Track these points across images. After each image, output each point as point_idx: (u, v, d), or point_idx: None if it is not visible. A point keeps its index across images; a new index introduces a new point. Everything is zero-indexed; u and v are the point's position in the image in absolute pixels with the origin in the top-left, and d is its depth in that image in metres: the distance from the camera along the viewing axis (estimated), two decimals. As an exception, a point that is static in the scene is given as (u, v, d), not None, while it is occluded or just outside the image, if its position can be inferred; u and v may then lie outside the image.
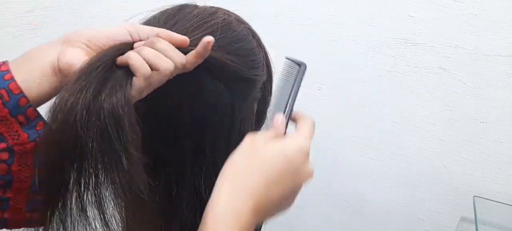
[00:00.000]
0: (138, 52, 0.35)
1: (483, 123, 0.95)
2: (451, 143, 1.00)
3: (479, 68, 0.91)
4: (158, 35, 0.36)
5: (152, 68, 0.34)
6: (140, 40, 0.37)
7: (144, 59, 0.34)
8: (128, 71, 0.34)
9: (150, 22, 0.43)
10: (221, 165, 0.44)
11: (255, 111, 0.49)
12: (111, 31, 0.36)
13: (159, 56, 0.35)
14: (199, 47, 0.36)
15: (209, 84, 0.41)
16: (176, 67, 0.36)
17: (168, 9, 0.45)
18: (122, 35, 0.36)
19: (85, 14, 1.00)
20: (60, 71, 0.34)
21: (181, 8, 0.44)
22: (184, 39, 0.37)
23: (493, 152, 0.95)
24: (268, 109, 0.51)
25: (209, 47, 0.36)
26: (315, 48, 1.10)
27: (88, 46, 0.35)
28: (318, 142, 1.20)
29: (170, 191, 0.43)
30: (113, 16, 1.06)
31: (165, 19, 0.42)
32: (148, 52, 0.34)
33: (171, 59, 0.35)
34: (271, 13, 1.13)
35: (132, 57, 0.34)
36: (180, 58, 0.36)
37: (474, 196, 0.98)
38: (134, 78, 0.34)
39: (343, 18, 1.04)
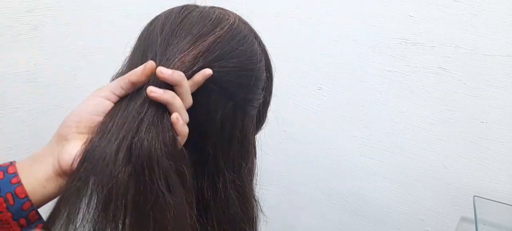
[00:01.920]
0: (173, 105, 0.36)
1: (483, 123, 0.95)
2: (451, 143, 1.00)
3: (479, 68, 0.91)
4: (129, 81, 0.36)
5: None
6: (119, 96, 0.37)
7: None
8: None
9: (153, 29, 0.42)
10: (223, 165, 0.44)
11: (256, 111, 0.49)
12: (90, 108, 0.36)
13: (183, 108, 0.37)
14: (199, 77, 0.38)
15: (212, 85, 0.41)
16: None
17: (170, 12, 0.44)
18: (102, 106, 0.36)
19: (84, 14, 1.00)
20: (64, 172, 0.34)
21: (183, 14, 0.43)
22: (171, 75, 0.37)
23: (493, 152, 0.95)
24: None
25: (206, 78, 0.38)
26: (315, 48, 1.10)
27: (80, 133, 0.35)
28: (318, 142, 1.20)
29: None
30: (113, 17, 1.06)
31: (170, 29, 0.41)
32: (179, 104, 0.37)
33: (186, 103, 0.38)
34: (271, 13, 1.13)
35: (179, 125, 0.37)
36: (189, 101, 0.39)
37: (474, 196, 0.98)
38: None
39: (343, 18, 1.04)
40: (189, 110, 0.41)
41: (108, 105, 0.36)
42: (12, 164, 0.34)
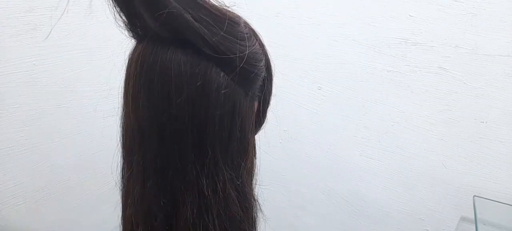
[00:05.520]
0: None
1: (483, 122, 0.95)
2: (451, 142, 1.00)
3: (479, 68, 0.91)
4: None
5: None
6: None
7: None
8: None
9: None
10: (222, 163, 0.44)
11: (256, 110, 0.49)
12: None
13: None
14: None
15: (212, 80, 0.41)
16: None
17: None
18: None
19: (84, 15, 0.99)
20: None
21: None
22: None
23: (493, 152, 0.95)
24: None
25: None
26: (315, 48, 1.10)
27: None
28: (318, 142, 1.20)
29: (174, 192, 0.43)
30: (112, 18, 1.06)
31: None
32: None
33: None
34: (271, 13, 1.13)
35: None
36: None
37: (474, 196, 0.98)
38: None
39: (343, 18, 1.04)
40: (189, 109, 0.41)
41: None
42: None
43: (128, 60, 0.43)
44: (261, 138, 0.54)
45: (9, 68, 0.88)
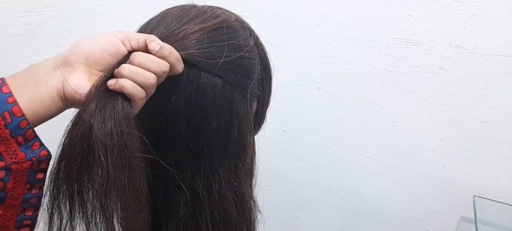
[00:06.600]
0: (119, 73, 0.36)
1: (483, 122, 0.94)
2: (451, 142, 1.00)
3: (479, 68, 0.91)
4: (145, 42, 0.38)
5: (139, 85, 0.36)
6: (132, 48, 0.38)
7: (127, 78, 0.36)
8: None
9: (148, 24, 0.43)
10: (219, 164, 0.44)
11: (255, 111, 0.49)
12: (104, 44, 0.37)
13: (138, 73, 0.36)
14: (172, 59, 0.38)
15: (207, 82, 0.41)
16: (160, 76, 0.37)
17: (167, 10, 0.45)
18: (115, 46, 0.37)
19: (83, 14, 1.00)
20: (66, 98, 0.36)
21: (180, 9, 0.44)
22: (169, 49, 0.38)
23: (493, 152, 0.95)
24: None
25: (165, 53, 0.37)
26: (315, 48, 1.10)
27: (87, 66, 0.37)
28: (318, 142, 1.20)
29: (167, 191, 0.44)
30: (112, 18, 1.06)
31: (162, 22, 0.42)
32: (128, 71, 0.36)
33: (152, 71, 0.37)
34: (271, 13, 1.13)
35: (126, 86, 0.36)
36: (161, 67, 0.37)
37: (474, 196, 0.98)
38: (131, 101, 0.37)
39: (343, 18, 1.04)
40: (185, 110, 0.41)
41: (121, 49, 0.37)
42: (4, 83, 0.35)
43: None
44: (261, 138, 0.54)
45: (9, 69, 0.88)
